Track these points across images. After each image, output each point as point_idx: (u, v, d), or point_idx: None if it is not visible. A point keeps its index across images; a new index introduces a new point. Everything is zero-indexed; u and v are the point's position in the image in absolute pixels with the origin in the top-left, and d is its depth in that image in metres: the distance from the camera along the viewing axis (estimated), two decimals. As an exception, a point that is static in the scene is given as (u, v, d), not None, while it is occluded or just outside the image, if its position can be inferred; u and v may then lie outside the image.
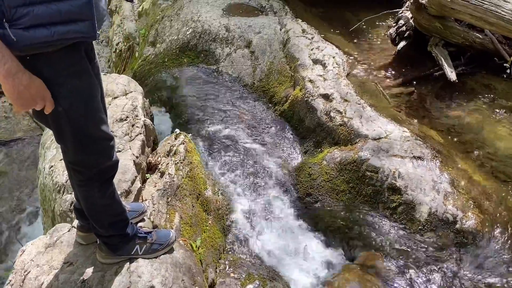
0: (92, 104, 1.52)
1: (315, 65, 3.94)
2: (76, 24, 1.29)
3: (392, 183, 2.86)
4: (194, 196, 2.82)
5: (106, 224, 1.82)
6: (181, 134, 3.23)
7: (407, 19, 4.23)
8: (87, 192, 1.70)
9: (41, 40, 1.24)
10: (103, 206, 1.76)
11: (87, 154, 1.59)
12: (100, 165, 1.64)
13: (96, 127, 1.57)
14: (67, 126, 1.48)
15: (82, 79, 1.45)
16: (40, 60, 1.30)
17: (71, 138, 1.52)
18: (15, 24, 1.19)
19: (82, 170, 1.63)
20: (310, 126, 3.57)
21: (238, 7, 5.15)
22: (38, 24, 1.22)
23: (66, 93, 1.40)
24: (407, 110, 3.61)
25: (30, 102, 1.31)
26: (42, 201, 2.88)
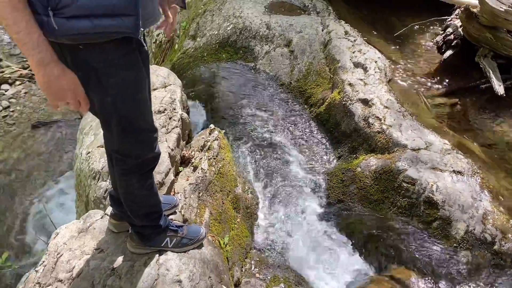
0: (140, 95, 1.53)
1: (356, 68, 3.85)
2: (120, 19, 1.25)
3: (429, 196, 2.76)
4: (224, 192, 2.82)
5: (141, 214, 1.83)
6: (215, 130, 3.23)
7: (456, 27, 4.07)
8: (127, 181, 1.72)
9: (81, 31, 1.22)
10: (141, 197, 1.77)
11: (131, 144, 1.61)
12: (143, 156, 1.66)
13: (142, 119, 1.58)
14: (114, 116, 1.49)
15: (132, 70, 1.44)
16: (93, 50, 1.30)
17: (117, 127, 1.54)
18: (59, 13, 1.18)
19: (125, 160, 1.65)
20: (346, 130, 3.50)
21: (281, 5, 5.11)
22: (81, 15, 1.20)
23: (115, 84, 1.41)
24: (449, 122, 3.48)
25: (59, 94, 1.31)
26: (77, 185, 2.94)
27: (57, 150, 5.35)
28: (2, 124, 5.91)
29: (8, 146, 5.42)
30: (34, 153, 5.28)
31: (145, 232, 1.93)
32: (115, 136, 1.58)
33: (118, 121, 1.52)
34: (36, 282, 1.88)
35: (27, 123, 5.88)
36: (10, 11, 1.14)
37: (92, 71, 1.35)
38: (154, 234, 1.96)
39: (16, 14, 1.14)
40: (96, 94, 1.43)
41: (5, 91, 6.51)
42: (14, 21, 1.15)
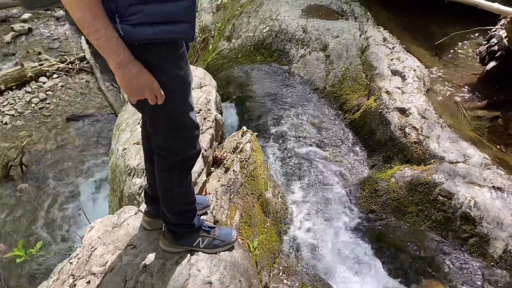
0: (188, 92, 1.57)
1: (393, 76, 3.77)
2: (178, 25, 1.35)
3: (466, 212, 2.66)
4: (255, 196, 2.80)
5: (176, 211, 1.85)
6: (247, 132, 3.22)
7: (501, 38, 3.93)
8: (167, 177, 1.74)
9: (145, 37, 1.30)
10: (178, 193, 1.79)
11: (175, 141, 1.63)
12: (185, 152, 1.68)
13: (187, 115, 1.61)
14: (163, 112, 1.52)
15: (181, 67, 1.49)
16: (147, 47, 1.34)
17: (164, 124, 1.57)
18: (126, 20, 1.26)
19: (167, 156, 1.67)
20: (381, 139, 3.42)
21: (318, 9, 5.07)
22: (145, 22, 1.28)
23: (167, 80, 1.44)
24: (489, 135, 3.35)
25: (138, 91, 1.38)
26: (111, 180, 2.98)
27: (90, 143, 5.48)
28: (39, 115, 6.10)
29: (44, 137, 5.58)
30: (68, 145, 5.42)
31: (178, 230, 1.94)
32: (160, 133, 1.61)
33: (166, 117, 1.55)
34: (70, 274, 1.91)
35: (63, 116, 6.05)
36: (91, 20, 1.21)
37: (148, 67, 1.38)
38: (187, 233, 1.97)
39: (97, 22, 1.21)
40: None
41: (43, 83, 6.73)
42: (95, 29, 1.22)
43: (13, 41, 7.79)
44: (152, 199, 1.97)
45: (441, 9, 4.48)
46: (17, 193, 4.63)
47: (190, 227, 1.95)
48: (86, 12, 1.19)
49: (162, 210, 1.86)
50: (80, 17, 1.20)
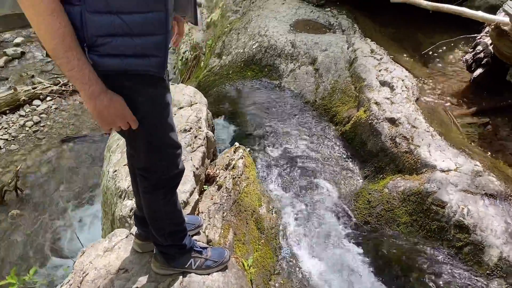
0: (166, 112, 1.57)
1: (382, 87, 3.81)
2: (147, 59, 1.34)
3: (460, 220, 2.66)
4: (249, 212, 2.80)
5: (166, 232, 1.84)
6: (240, 148, 3.23)
7: (486, 45, 3.98)
8: (151, 198, 1.74)
9: (112, 68, 1.31)
10: (165, 214, 1.79)
11: (156, 161, 1.63)
12: (168, 172, 1.68)
13: (167, 135, 1.61)
14: (141, 133, 1.52)
15: (158, 88, 1.49)
16: (121, 71, 1.34)
17: (143, 144, 1.58)
18: (93, 51, 1.26)
19: (149, 177, 1.67)
20: (373, 150, 3.44)
21: (306, 24, 5.12)
22: (112, 54, 1.29)
23: (144, 101, 1.44)
24: (480, 142, 3.37)
25: (110, 121, 1.37)
26: (103, 202, 2.98)
27: (85, 165, 5.46)
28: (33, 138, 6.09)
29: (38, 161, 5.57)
30: (63, 168, 5.40)
31: (170, 252, 1.93)
32: (141, 154, 1.62)
33: (145, 138, 1.55)
34: (62, 301, 1.89)
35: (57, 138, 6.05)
36: (64, 51, 1.21)
37: (123, 90, 1.38)
38: (178, 255, 1.96)
39: (69, 53, 1.21)
40: None
41: (36, 106, 6.74)
42: (68, 60, 1.22)
43: (6, 65, 7.83)
44: (142, 221, 1.96)
45: (427, 19, 4.54)
46: (9, 219, 4.60)
47: (181, 248, 1.94)
48: (59, 43, 1.19)
49: (152, 232, 1.86)
50: (53, 48, 1.20)
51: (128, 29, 1.25)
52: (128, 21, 1.25)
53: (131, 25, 1.25)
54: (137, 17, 1.25)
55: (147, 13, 1.27)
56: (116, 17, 1.23)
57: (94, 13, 1.21)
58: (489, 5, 4.81)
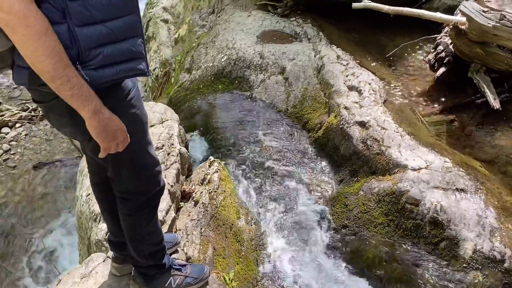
0: (146, 130, 1.59)
1: (350, 91, 3.88)
2: (135, 62, 1.37)
3: (434, 217, 2.72)
4: (227, 226, 2.79)
5: (147, 253, 1.82)
6: (215, 162, 3.23)
7: (446, 45, 4.12)
8: (134, 220, 1.72)
9: (108, 78, 1.31)
10: (147, 234, 1.78)
11: (139, 181, 1.63)
12: (151, 191, 1.68)
13: (148, 153, 1.63)
14: (126, 155, 1.51)
15: (137, 106, 1.50)
16: (103, 93, 1.33)
17: (126, 166, 1.57)
18: (87, 66, 1.25)
19: (133, 198, 1.66)
20: (346, 154, 3.49)
21: (272, 34, 5.19)
22: (106, 64, 1.29)
23: (127, 122, 1.43)
24: (448, 139, 3.47)
25: (113, 135, 1.36)
26: (78, 227, 2.92)
27: (59, 190, 5.34)
28: (4, 167, 5.92)
29: (11, 189, 5.42)
30: (36, 195, 5.26)
31: (150, 272, 1.91)
32: (123, 176, 1.61)
33: (129, 160, 1.55)
34: (39, 333, 1.84)
35: (29, 165, 5.90)
36: (63, 69, 1.17)
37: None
38: (158, 274, 1.94)
39: (68, 71, 1.18)
40: None
41: (5, 134, 6.56)
42: (68, 78, 1.18)
43: (-29, 95, 7.62)
44: (117, 245, 1.94)
45: (389, 23, 4.66)
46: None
47: (161, 267, 1.93)
48: (57, 62, 1.15)
49: (131, 255, 1.84)
50: (52, 69, 1.15)
51: (115, 36, 1.27)
52: (113, 28, 1.26)
53: (116, 31, 1.27)
54: (119, 22, 1.28)
55: (125, 17, 1.29)
56: (102, 26, 1.24)
57: (82, 27, 1.20)
58: (447, 6, 4.99)
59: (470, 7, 3.61)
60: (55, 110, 1.39)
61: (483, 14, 3.51)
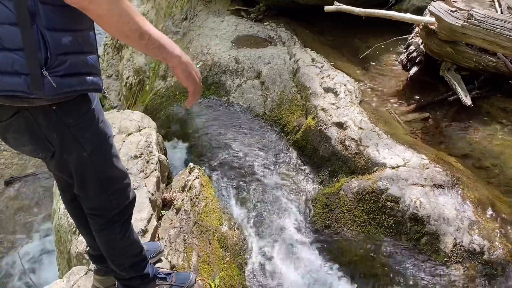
0: (111, 143, 1.54)
1: (326, 93, 3.92)
2: (96, 76, 1.35)
3: (414, 213, 2.77)
4: (210, 232, 2.77)
5: (127, 266, 1.77)
6: (195, 168, 3.20)
7: (417, 45, 4.22)
8: (108, 235, 1.67)
9: (73, 88, 1.26)
10: (124, 248, 1.72)
11: (108, 196, 1.58)
12: (121, 205, 1.63)
13: (114, 167, 1.57)
14: (91, 170, 1.48)
15: (100, 120, 1.46)
16: (65, 108, 1.30)
17: (93, 182, 1.52)
18: (54, 72, 1.20)
19: (103, 214, 1.61)
20: (325, 155, 3.52)
21: (247, 39, 5.21)
22: (72, 73, 1.25)
23: (90, 137, 1.41)
24: (423, 136, 3.55)
25: (197, 72, 1.43)
26: (57, 241, 2.84)
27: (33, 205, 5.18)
28: (-27, 184, 5.71)
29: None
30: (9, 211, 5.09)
31: (133, 284, 1.87)
32: (90, 193, 1.56)
33: (95, 175, 1.51)
34: None
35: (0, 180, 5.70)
36: (145, 23, 1.22)
37: (66, 130, 1.35)
38: (143, 285, 1.90)
39: (148, 24, 1.24)
40: (71, 153, 1.42)
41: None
42: (152, 30, 1.24)
43: None
44: (98, 258, 1.89)
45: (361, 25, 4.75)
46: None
47: (144, 278, 1.88)
48: (141, 18, 1.20)
49: (112, 268, 1.79)
50: (141, 25, 1.19)
51: (80, 47, 1.26)
52: (78, 38, 1.25)
53: (81, 42, 1.26)
54: (83, 33, 1.27)
55: (87, 31, 1.29)
56: (70, 34, 1.22)
57: (52, 31, 1.17)
58: (416, 7, 5.13)
59: (439, 7, 3.71)
60: (13, 129, 1.32)
61: (452, 14, 3.62)
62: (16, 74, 1.16)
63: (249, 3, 5.86)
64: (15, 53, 1.14)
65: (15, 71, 1.15)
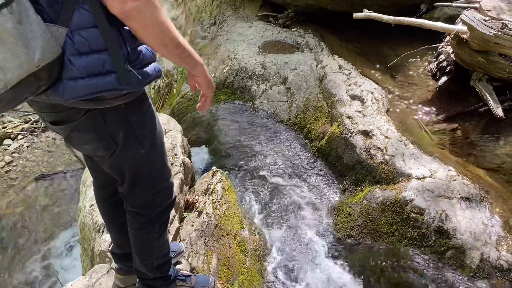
0: (163, 142, 1.56)
1: (353, 101, 3.88)
2: (154, 63, 1.38)
3: (440, 226, 2.70)
4: (231, 236, 2.77)
5: (154, 266, 1.79)
6: (218, 172, 3.22)
7: (448, 54, 4.13)
8: (146, 234, 1.68)
9: (151, 78, 1.31)
10: (158, 247, 1.74)
11: (154, 194, 1.60)
12: (164, 203, 1.65)
13: (165, 165, 1.61)
14: (145, 167, 1.50)
15: (155, 118, 1.49)
16: (131, 105, 1.33)
17: (144, 179, 1.54)
18: (135, 65, 1.25)
19: (147, 212, 1.63)
20: (349, 163, 3.48)
21: (274, 44, 5.22)
22: (145, 64, 1.29)
23: (148, 135, 1.44)
24: (451, 148, 3.46)
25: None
26: (81, 239, 2.90)
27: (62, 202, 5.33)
28: (6, 179, 5.92)
29: (12, 201, 5.40)
30: (38, 207, 5.25)
31: (156, 284, 1.88)
32: (138, 190, 1.57)
33: (148, 172, 1.52)
34: None
35: (31, 177, 5.89)
36: (179, 34, 1.25)
37: (129, 128, 1.37)
38: (164, 286, 1.91)
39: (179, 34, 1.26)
40: (130, 150, 1.43)
41: (7, 146, 6.57)
42: (183, 40, 1.28)
43: (-26, 106, 7.64)
44: (122, 257, 1.92)
45: (390, 33, 4.69)
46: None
47: (166, 279, 1.90)
48: (175, 29, 1.23)
49: (137, 268, 1.81)
50: (177, 35, 1.23)
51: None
52: None
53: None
54: None
55: None
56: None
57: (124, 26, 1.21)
58: (447, 15, 5.02)
59: (471, 16, 3.63)
60: (82, 128, 1.33)
61: (485, 23, 3.53)
62: (107, 73, 1.20)
63: (277, 9, 5.88)
64: (103, 53, 1.18)
65: (107, 70, 1.19)
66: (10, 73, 1.00)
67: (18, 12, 0.97)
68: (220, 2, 6.34)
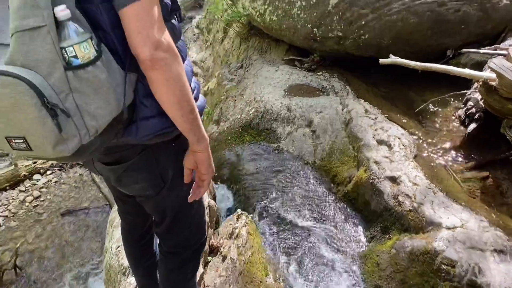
0: None
1: (379, 145, 3.86)
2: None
3: (473, 279, 2.59)
4: (256, 283, 2.72)
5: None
6: (242, 215, 3.21)
7: (476, 100, 4.09)
8: (179, 275, 1.68)
9: (201, 111, 1.36)
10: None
11: (191, 231, 1.60)
12: (199, 241, 1.65)
13: (202, 202, 1.62)
14: (187, 207, 1.49)
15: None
16: (180, 142, 1.36)
17: (184, 219, 1.54)
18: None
19: (183, 251, 1.63)
20: (377, 210, 3.42)
21: (300, 88, 5.30)
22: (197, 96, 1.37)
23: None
24: (482, 197, 3.36)
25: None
26: (106, 280, 2.90)
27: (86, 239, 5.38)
28: (33, 213, 6.05)
29: (38, 236, 5.49)
30: (63, 243, 5.31)
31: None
32: (177, 230, 1.56)
33: (189, 211, 1.53)
34: None
35: (57, 212, 6.00)
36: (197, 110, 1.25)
37: (177, 166, 1.38)
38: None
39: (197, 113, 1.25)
40: (174, 190, 1.44)
41: (36, 181, 6.75)
42: (198, 117, 1.25)
43: (7, 141, 7.92)
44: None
45: (417, 78, 4.69)
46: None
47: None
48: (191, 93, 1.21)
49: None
50: (191, 98, 1.19)
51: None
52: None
53: None
54: None
55: None
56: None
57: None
58: (475, 61, 5.00)
59: (500, 64, 3.61)
60: (135, 167, 1.34)
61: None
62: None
63: (303, 54, 6.00)
64: None
65: None
66: (102, 119, 1.05)
67: (107, 62, 1.04)
68: (247, 46, 6.53)
